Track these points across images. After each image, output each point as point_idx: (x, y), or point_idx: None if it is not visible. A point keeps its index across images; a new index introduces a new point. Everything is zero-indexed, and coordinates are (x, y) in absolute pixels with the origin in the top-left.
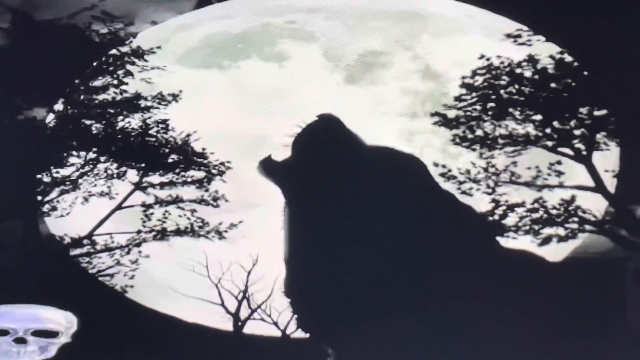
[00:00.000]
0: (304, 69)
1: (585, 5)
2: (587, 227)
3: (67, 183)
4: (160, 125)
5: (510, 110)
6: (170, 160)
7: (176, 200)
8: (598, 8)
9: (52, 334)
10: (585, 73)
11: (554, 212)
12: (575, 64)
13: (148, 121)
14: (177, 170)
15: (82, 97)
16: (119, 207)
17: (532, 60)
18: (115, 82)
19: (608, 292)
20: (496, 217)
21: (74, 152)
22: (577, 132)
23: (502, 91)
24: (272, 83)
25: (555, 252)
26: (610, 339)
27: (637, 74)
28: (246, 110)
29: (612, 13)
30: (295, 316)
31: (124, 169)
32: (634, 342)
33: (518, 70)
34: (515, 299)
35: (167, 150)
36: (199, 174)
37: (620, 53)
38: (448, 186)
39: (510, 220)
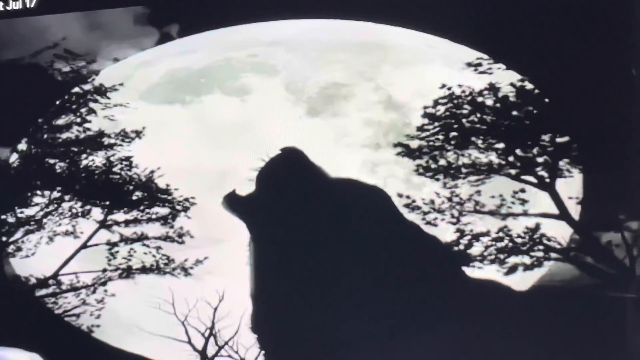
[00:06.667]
0: (266, 103)
1: (544, 33)
2: (553, 255)
3: (32, 223)
4: (124, 163)
5: (473, 139)
6: (134, 198)
7: (141, 238)
8: (557, 35)
9: None
10: (546, 100)
11: (519, 240)
12: (536, 91)
13: (112, 159)
14: (141, 208)
15: (45, 136)
16: (84, 245)
17: (493, 88)
18: (79, 120)
19: (582, 320)
20: (461, 246)
21: (38, 192)
22: (539, 160)
23: (464, 120)
24: (235, 117)
25: (521, 281)
26: None
27: (597, 100)
28: (209, 145)
29: (572, 40)
30: (263, 352)
31: (88, 207)
32: None
33: (479, 99)
34: (483, 329)
35: (131, 187)
36: (164, 211)
37: (581, 79)
38: (413, 217)
39: (476, 249)
